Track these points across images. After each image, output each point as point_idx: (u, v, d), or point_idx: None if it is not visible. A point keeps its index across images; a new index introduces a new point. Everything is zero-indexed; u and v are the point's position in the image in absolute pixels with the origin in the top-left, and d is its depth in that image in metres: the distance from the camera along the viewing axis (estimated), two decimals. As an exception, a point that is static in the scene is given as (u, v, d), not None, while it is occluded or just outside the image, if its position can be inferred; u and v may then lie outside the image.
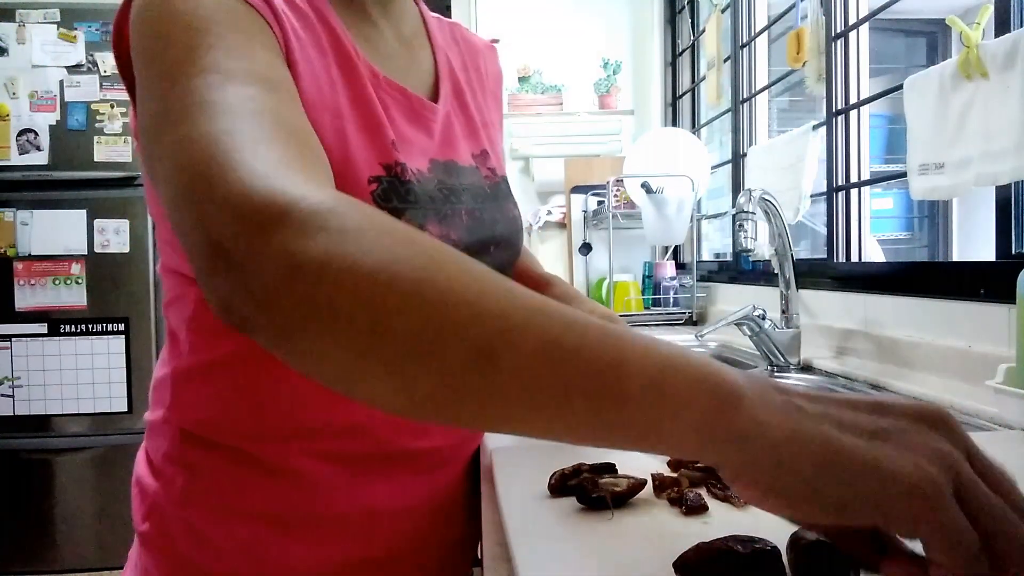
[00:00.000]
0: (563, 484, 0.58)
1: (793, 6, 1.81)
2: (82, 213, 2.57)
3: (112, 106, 2.60)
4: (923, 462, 0.31)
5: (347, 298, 0.33)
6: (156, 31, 0.48)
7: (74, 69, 2.59)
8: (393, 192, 0.60)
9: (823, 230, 1.67)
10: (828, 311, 1.50)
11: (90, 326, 2.58)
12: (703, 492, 0.58)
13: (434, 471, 0.69)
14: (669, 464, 0.65)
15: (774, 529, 0.48)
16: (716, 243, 2.79)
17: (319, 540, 0.63)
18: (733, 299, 2.11)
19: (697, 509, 0.55)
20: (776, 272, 1.42)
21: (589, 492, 0.55)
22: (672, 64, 2.93)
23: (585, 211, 2.75)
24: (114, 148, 2.60)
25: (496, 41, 0.88)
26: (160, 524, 0.65)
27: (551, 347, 0.32)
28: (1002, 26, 1.10)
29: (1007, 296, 0.96)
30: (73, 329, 2.57)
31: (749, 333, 1.40)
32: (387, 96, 0.64)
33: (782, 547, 0.44)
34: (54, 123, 2.58)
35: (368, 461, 0.65)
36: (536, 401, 0.32)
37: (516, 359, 0.32)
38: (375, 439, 0.64)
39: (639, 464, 0.65)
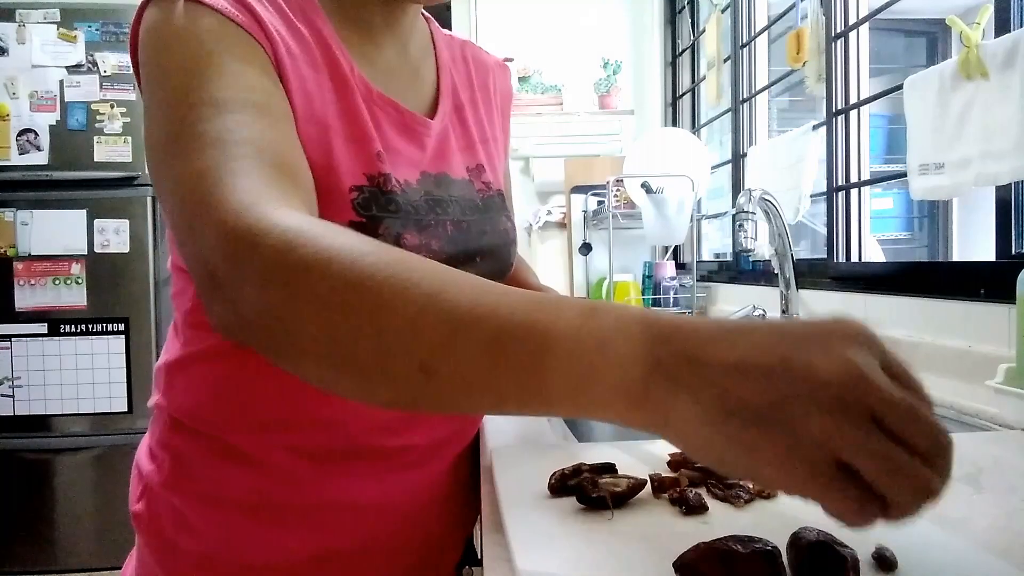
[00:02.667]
0: (563, 484, 0.58)
1: (793, 6, 1.81)
2: (82, 213, 2.57)
3: (112, 106, 2.60)
4: (800, 447, 0.33)
5: (312, 328, 0.40)
6: (158, 60, 0.55)
7: (74, 69, 2.59)
8: (373, 201, 0.62)
9: (823, 230, 1.67)
10: (828, 311, 1.50)
11: (90, 326, 2.58)
12: (703, 492, 0.58)
13: (409, 469, 0.70)
14: (669, 464, 0.65)
15: (774, 529, 0.48)
16: (716, 243, 2.78)
17: (291, 529, 0.66)
18: (733, 299, 2.11)
19: (697, 509, 0.55)
20: (776, 272, 1.42)
21: (589, 492, 0.55)
22: (672, 64, 2.93)
23: (585, 211, 2.75)
24: (114, 148, 2.60)
25: (509, 60, 0.90)
26: (150, 505, 0.68)
27: (478, 356, 0.38)
28: (1002, 26, 1.10)
29: (1007, 296, 0.96)
30: (73, 329, 2.57)
31: (749, 333, 1.40)
32: (379, 110, 0.67)
33: (782, 547, 0.44)
34: (54, 123, 2.58)
35: (339, 456, 0.67)
36: (474, 400, 0.40)
37: (451, 370, 0.38)
38: (346, 434, 0.67)
39: (639, 464, 0.65)
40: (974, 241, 3.72)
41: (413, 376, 0.39)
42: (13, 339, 2.58)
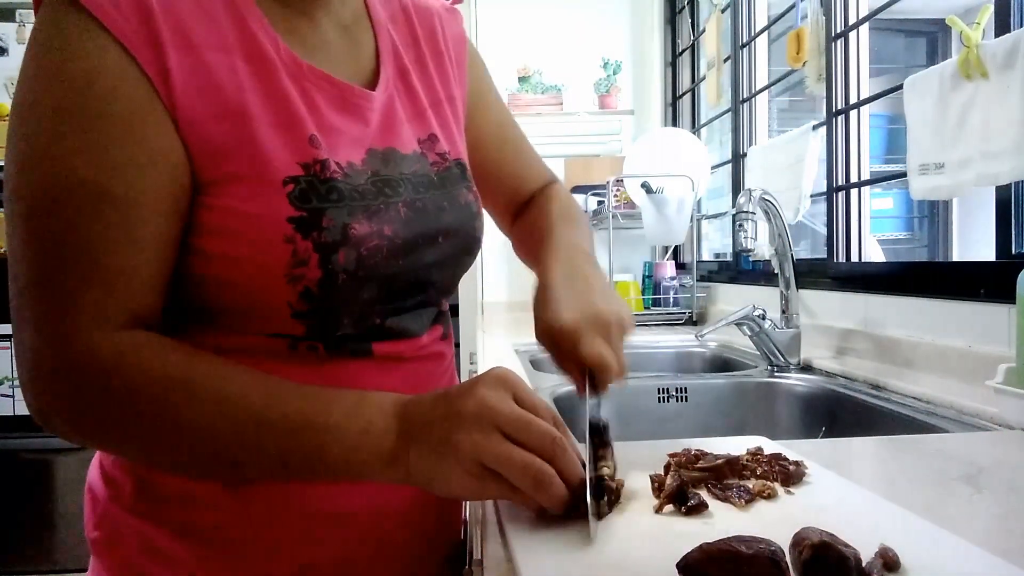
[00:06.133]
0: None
1: (793, 6, 1.81)
2: (82, 213, 2.57)
3: (112, 106, 2.59)
4: (460, 461, 0.51)
5: (133, 449, 0.57)
6: (31, 95, 0.53)
7: (74, 69, 2.58)
8: (312, 192, 0.57)
9: (823, 230, 1.67)
10: (828, 311, 1.50)
11: (90, 326, 2.57)
12: (703, 492, 0.58)
13: None
14: (669, 465, 0.65)
15: (775, 529, 0.48)
16: (716, 243, 2.79)
17: (274, 547, 0.61)
18: (733, 299, 2.11)
19: (697, 509, 0.55)
20: (776, 272, 1.42)
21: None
22: (672, 64, 2.93)
23: (585, 211, 2.75)
24: (114, 148, 2.60)
25: (458, 1, 0.80)
26: (111, 531, 0.63)
27: (274, 450, 0.53)
28: (1002, 26, 1.10)
29: (1007, 296, 0.96)
30: (73, 329, 2.57)
31: (749, 333, 1.40)
32: (312, 87, 0.61)
33: (785, 547, 0.44)
34: (54, 123, 2.57)
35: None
36: (276, 477, 0.58)
37: (254, 464, 0.54)
38: None
39: (639, 464, 0.65)
40: (974, 241, 3.73)
41: (225, 469, 0.56)
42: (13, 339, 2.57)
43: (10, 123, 0.54)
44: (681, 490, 0.56)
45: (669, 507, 0.56)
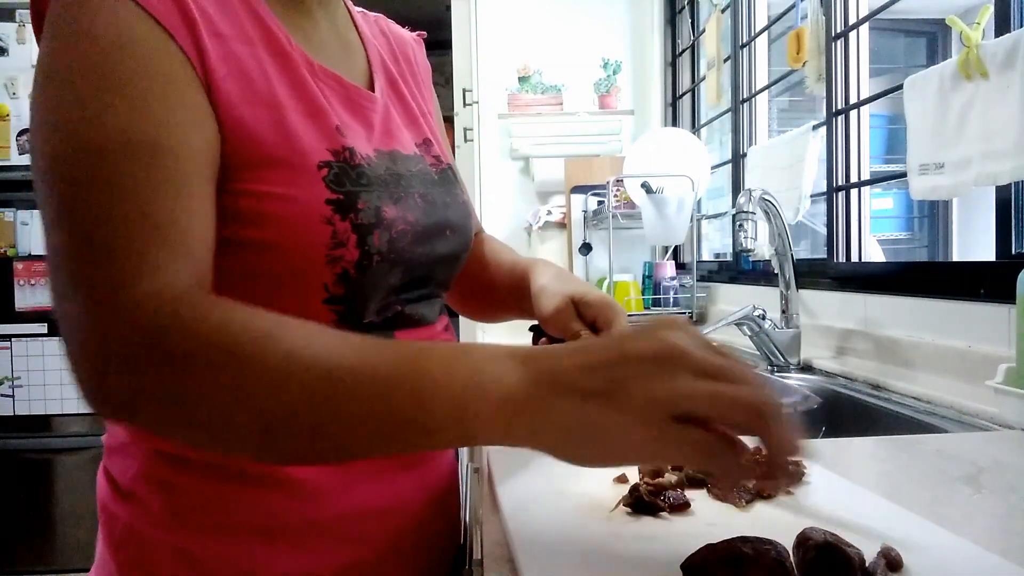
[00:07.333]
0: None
1: (793, 6, 1.81)
2: (82, 213, 2.57)
3: (112, 106, 2.59)
4: (640, 410, 0.41)
5: (203, 412, 0.45)
6: (63, 60, 0.50)
7: (74, 69, 2.58)
8: (345, 176, 0.59)
9: (823, 230, 1.67)
10: (828, 311, 1.50)
11: (90, 326, 2.57)
12: (695, 491, 0.58)
13: (420, 466, 0.68)
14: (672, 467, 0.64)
15: (776, 529, 0.48)
16: (716, 243, 2.78)
17: (312, 547, 0.60)
18: (733, 299, 2.11)
19: (679, 507, 0.55)
20: (776, 272, 1.42)
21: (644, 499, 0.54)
22: (672, 64, 2.93)
23: (585, 211, 2.75)
24: (114, 148, 2.60)
25: (423, 35, 0.87)
26: (139, 550, 0.60)
27: (363, 416, 0.43)
28: (1002, 26, 1.10)
29: (1007, 296, 0.96)
30: (73, 329, 2.57)
31: (749, 333, 1.40)
32: (324, 85, 0.63)
33: (789, 547, 0.44)
34: (54, 123, 2.57)
35: (361, 461, 0.61)
36: (367, 451, 0.47)
37: (340, 431, 0.44)
38: None
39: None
40: (974, 241, 3.73)
41: (303, 437, 0.44)
42: (13, 339, 2.58)
43: (37, 90, 0.51)
44: (639, 499, 0.54)
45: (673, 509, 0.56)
